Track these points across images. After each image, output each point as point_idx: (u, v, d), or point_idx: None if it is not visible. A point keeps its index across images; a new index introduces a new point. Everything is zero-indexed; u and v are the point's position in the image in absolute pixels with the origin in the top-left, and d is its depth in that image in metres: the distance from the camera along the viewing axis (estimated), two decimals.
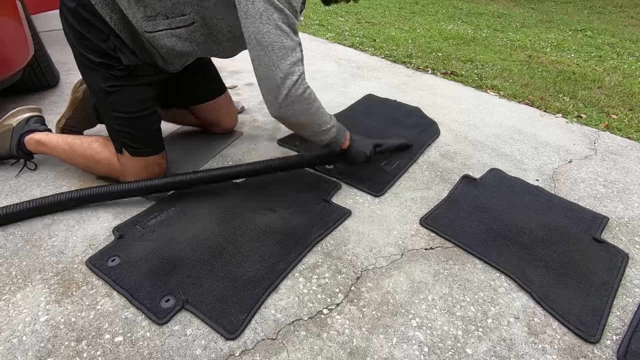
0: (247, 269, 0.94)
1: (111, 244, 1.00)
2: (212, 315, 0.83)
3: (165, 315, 0.82)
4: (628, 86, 2.25)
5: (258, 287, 0.90)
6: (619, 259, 1.02)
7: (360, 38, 3.01)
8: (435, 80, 2.25)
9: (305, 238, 1.04)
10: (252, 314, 0.84)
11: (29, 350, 0.76)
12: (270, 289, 0.90)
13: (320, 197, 1.19)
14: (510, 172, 1.39)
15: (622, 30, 3.73)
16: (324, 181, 1.28)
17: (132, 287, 0.88)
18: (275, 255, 0.98)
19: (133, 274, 0.91)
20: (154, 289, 0.88)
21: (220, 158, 1.41)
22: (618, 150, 1.59)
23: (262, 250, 0.99)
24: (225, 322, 0.81)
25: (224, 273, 0.92)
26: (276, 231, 1.05)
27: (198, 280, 0.90)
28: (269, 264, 0.96)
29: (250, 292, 0.88)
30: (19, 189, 1.19)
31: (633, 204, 1.27)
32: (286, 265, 0.96)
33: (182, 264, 0.94)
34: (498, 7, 4.73)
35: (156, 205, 1.14)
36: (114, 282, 0.89)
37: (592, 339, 0.82)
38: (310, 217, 1.11)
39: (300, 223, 1.09)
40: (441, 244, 1.06)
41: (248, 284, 0.90)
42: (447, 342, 0.81)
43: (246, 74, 2.21)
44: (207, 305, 0.85)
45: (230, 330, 0.80)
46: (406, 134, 1.58)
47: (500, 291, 0.93)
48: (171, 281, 0.90)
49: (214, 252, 0.98)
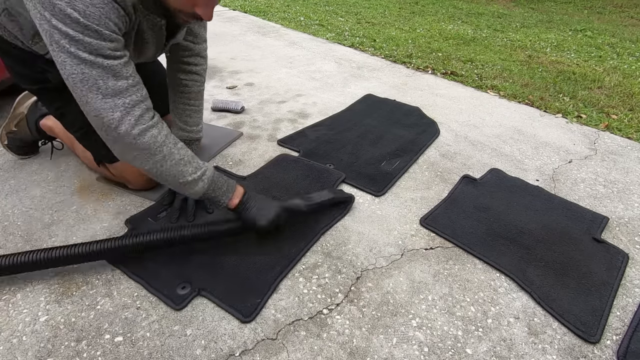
0: (259, 257, 0.97)
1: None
2: (227, 300, 0.86)
3: (182, 301, 0.85)
4: (628, 86, 2.25)
5: (270, 273, 0.93)
6: (619, 259, 1.02)
7: (360, 38, 3.01)
8: (435, 80, 2.25)
9: (314, 227, 1.07)
10: (266, 299, 0.87)
11: (29, 350, 0.76)
12: (282, 275, 0.93)
13: (325, 187, 1.22)
14: (510, 172, 1.39)
15: (622, 30, 3.73)
16: (329, 172, 1.31)
17: (149, 276, 0.91)
18: (286, 246, 1.01)
19: (147, 265, 0.93)
20: (169, 277, 0.90)
21: (220, 158, 1.41)
22: (618, 150, 1.59)
23: (272, 240, 1.01)
24: (241, 307, 0.84)
25: (236, 261, 0.95)
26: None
27: (212, 268, 0.93)
28: (280, 253, 0.99)
29: (263, 278, 0.91)
30: (19, 188, 1.19)
31: (633, 204, 1.27)
32: (296, 253, 0.99)
33: (196, 254, 0.97)
34: (498, 7, 4.73)
35: (166, 197, 1.14)
36: (130, 272, 0.92)
37: (592, 339, 0.82)
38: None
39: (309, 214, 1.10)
40: (441, 244, 1.06)
41: (260, 271, 0.93)
42: (447, 342, 0.81)
43: (246, 73, 2.22)
44: (222, 292, 0.88)
45: (245, 313, 0.83)
46: (406, 134, 1.59)
47: (500, 291, 0.93)
48: (186, 271, 0.92)
49: (227, 241, 1.00)
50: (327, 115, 1.74)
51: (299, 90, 2.02)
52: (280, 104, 1.85)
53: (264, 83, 2.10)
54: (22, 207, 1.13)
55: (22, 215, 1.09)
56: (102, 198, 1.17)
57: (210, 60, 2.40)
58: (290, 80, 2.15)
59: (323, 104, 1.86)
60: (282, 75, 2.23)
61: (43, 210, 1.12)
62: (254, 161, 1.39)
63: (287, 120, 1.70)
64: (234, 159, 1.40)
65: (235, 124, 1.65)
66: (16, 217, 1.09)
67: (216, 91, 1.97)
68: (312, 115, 1.75)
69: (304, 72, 2.28)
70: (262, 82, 2.11)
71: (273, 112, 1.77)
